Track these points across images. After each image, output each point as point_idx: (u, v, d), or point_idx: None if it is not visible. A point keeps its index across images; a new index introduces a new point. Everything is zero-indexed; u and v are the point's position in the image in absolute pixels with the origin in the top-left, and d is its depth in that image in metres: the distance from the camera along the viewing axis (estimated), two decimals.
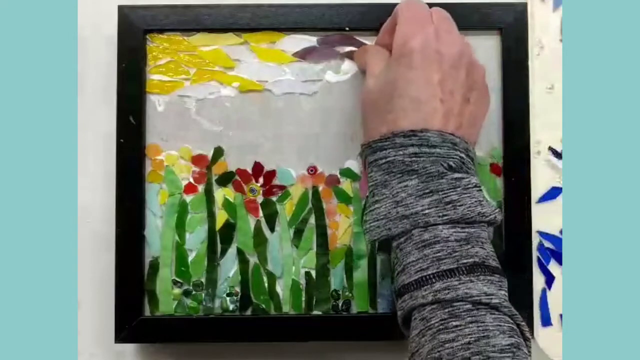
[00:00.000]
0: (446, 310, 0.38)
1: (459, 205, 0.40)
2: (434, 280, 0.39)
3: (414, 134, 0.41)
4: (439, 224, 0.40)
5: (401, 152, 0.41)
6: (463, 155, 0.41)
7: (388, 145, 0.41)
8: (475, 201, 0.41)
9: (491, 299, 0.38)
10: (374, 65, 0.45)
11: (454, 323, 0.38)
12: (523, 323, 0.40)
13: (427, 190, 0.40)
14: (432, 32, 0.42)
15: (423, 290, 0.39)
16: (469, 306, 0.38)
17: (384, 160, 0.42)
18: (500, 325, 0.38)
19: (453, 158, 0.41)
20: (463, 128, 0.42)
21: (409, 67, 0.42)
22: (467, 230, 0.40)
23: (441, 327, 0.38)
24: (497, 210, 0.41)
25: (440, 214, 0.40)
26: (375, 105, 0.43)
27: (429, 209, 0.40)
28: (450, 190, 0.40)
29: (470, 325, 0.38)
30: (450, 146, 0.41)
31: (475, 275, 0.39)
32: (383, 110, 0.42)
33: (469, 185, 0.41)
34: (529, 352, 0.39)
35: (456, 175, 0.41)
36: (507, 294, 0.40)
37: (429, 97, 0.41)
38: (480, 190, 0.41)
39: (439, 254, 0.39)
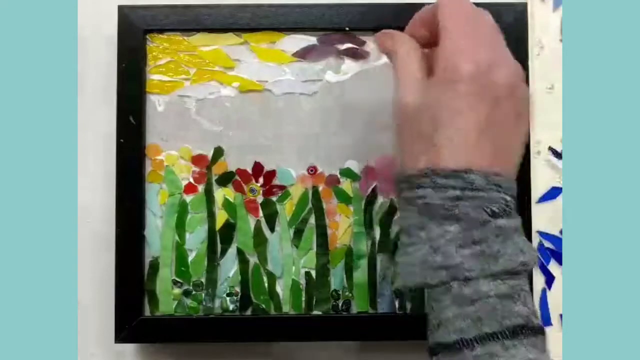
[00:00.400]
0: None
1: (501, 256, 0.36)
2: (474, 345, 0.35)
3: (458, 175, 0.36)
4: (480, 278, 0.36)
5: (442, 195, 0.36)
6: (508, 197, 0.37)
7: (427, 183, 0.37)
8: (518, 250, 0.37)
9: None
10: (409, 74, 0.39)
11: None
12: None
13: (469, 240, 0.36)
14: (486, 58, 0.37)
15: (463, 355, 0.36)
16: None
17: (422, 201, 0.37)
18: None
19: (497, 203, 0.36)
20: (509, 164, 0.38)
21: (457, 96, 0.37)
22: (508, 282, 0.36)
23: None
24: (536, 256, 0.38)
25: (482, 267, 0.36)
26: (414, 127, 0.38)
27: (470, 261, 0.36)
28: (494, 240, 0.36)
29: None
30: (495, 189, 0.37)
31: (518, 339, 0.35)
32: (425, 138, 0.37)
33: (511, 232, 0.37)
34: None
35: (499, 222, 0.36)
36: (549, 355, 0.37)
37: (477, 132, 0.36)
38: (521, 233, 0.37)
39: (478, 313, 0.36)
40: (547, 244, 0.51)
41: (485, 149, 0.37)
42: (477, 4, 0.49)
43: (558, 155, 0.51)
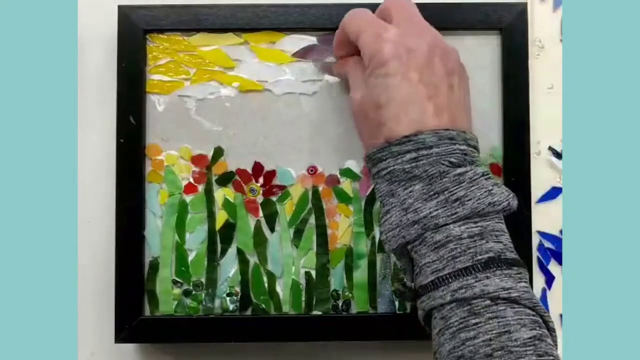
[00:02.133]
0: (465, 308, 0.38)
1: (467, 200, 0.39)
2: (450, 280, 0.39)
3: (409, 139, 0.40)
4: (450, 223, 0.39)
5: (400, 160, 0.41)
6: (463, 147, 0.41)
7: (386, 155, 0.41)
8: (485, 191, 0.40)
9: (510, 293, 0.38)
10: (355, 78, 0.45)
11: (474, 321, 0.38)
12: (546, 313, 0.39)
13: (432, 193, 0.40)
14: (396, 34, 0.42)
15: (440, 291, 0.39)
16: (487, 302, 0.38)
17: (385, 171, 0.41)
18: (521, 319, 0.38)
19: (453, 154, 0.40)
20: (457, 118, 0.42)
21: (387, 76, 0.41)
22: (480, 224, 0.40)
23: (461, 325, 0.38)
24: (510, 196, 0.41)
25: (449, 213, 0.39)
26: (366, 118, 0.43)
27: (436, 210, 0.40)
28: (455, 187, 0.40)
29: (490, 321, 0.37)
30: (448, 142, 0.40)
31: (491, 270, 0.38)
32: (375, 122, 0.42)
33: (475, 177, 0.40)
34: (555, 342, 0.39)
35: (459, 170, 0.40)
36: (528, 285, 0.39)
37: (415, 98, 0.41)
38: (489, 177, 0.41)
39: (453, 253, 0.39)
40: (547, 244, 0.51)
41: (428, 111, 0.41)
42: (478, 4, 0.50)
43: (558, 155, 0.51)
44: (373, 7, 0.49)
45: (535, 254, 0.51)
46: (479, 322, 0.38)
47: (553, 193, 0.51)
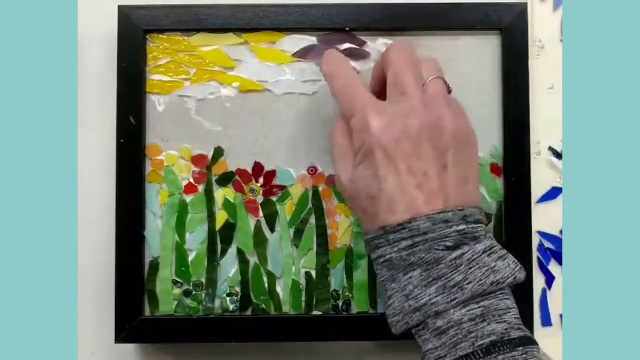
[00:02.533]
0: None
1: (467, 284, 0.39)
2: None
3: (403, 227, 0.40)
4: (450, 309, 0.39)
5: (396, 248, 0.40)
6: (462, 227, 0.40)
7: (383, 242, 0.41)
8: (487, 270, 0.39)
9: None
10: (341, 156, 0.44)
11: None
12: None
13: (430, 279, 0.39)
14: (382, 123, 0.41)
15: None
16: None
17: (383, 259, 0.41)
18: None
19: (449, 237, 0.39)
20: (453, 196, 0.40)
21: (374, 168, 0.40)
22: (482, 303, 0.39)
23: None
24: (516, 269, 0.40)
25: (448, 300, 0.39)
26: (358, 204, 0.42)
27: (436, 296, 0.39)
28: (452, 272, 0.39)
29: None
30: (443, 226, 0.39)
31: (492, 356, 0.37)
32: (367, 211, 0.42)
33: (474, 256, 0.39)
34: None
35: (455, 254, 0.39)
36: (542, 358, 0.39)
37: (404, 188, 0.40)
38: (492, 252, 0.40)
39: (454, 339, 0.38)
40: (547, 244, 0.51)
41: (419, 199, 0.40)
42: (478, 4, 0.50)
43: (558, 155, 0.51)
44: (371, 8, 0.49)
45: (535, 254, 0.51)
46: None
47: (553, 193, 0.51)
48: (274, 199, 0.50)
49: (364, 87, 0.43)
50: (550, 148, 0.51)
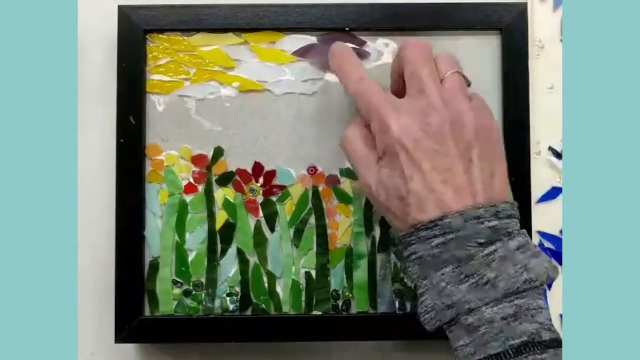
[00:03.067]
0: None
1: (499, 281, 0.38)
2: None
3: (435, 224, 0.39)
4: (482, 306, 0.38)
5: (428, 246, 0.40)
6: (494, 223, 0.39)
7: (414, 240, 0.40)
8: (520, 267, 0.39)
9: None
10: (364, 161, 0.43)
11: None
12: None
13: (462, 276, 0.39)
14: (403, 123, 0.40)
15: None
16: None
17: (415, 256, 0.41)
18: None
19: (481, 234, 0.39)
20: (482, 191, 0.40)
21: (399, 169, 0.40)
22: (515, 302, 0.38)
23: None
24: (550, 268, 0.40)
25: (480, 297, 0.38)
26: (386, 207, 0.42)
27: (468, 294, 0.39)
28: (484, 269, 0.39)
29: None
30: (475, 222, 0.39)
31: (523, 357, 0.37)
32: (397, 212, 0.41)
33: (507, 253, 0.39)
34: None
35: (487, 250, 0.39)
36: None
37: (430, 186, 0.40)
38: (525, 250, 0.39)
39: (485, 337, 0.38)
40: (547, 244, 0.51)
41: (447, 195, 0.40)
42: (478, 4, 0.50)
43: (558, 155, 0.51)
44: (371, 8, 0.49)
45: None
46: None
47: (553, 193, 0.51)
48: (274, 199, 0.50)
49: (378, 86, 0.43)
50: (550, 148, 0.51)
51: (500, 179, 0.42)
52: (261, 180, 0.50)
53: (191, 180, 0.50)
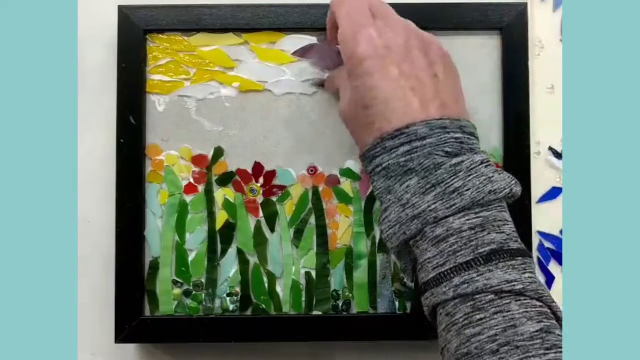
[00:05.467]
0: (468, 304, 0.37)
1: (466, 190, 0.38)
2: (452, 275, 0.38)
3: (401, 132, 0.40)
4: (449, 216, 0.38)
5: (394, 155, 0.40)
6: (458, 134, 0.40)
7: (380, 151, 0.40)
8: (485, 179, 0.39)
9: (513, 285, 0.37)
10: (344, 87, 0.44)
11: (478, 316, 0.37)
12: (554, 303, 0.38)
13: (428, 186, 0.39)
14: (372, 31, 0.41)
15: (443, 287, 0.38)
16: (491, 296, 0.37)
17: (380, 167, 0.41)
18: (526, 311, 0.37)
19: (447, 143, 0.39)
20: (448, 106, 0.41)
21: (366, 75, 0.41)
22: (481, 214, 0.39)
23: (465, 321, 0.37)
24: (512, 182, 0.40)
25: (447, 205, 0.38)
26: (355, 120, 0.42)
27: (434, 203, 0.39)
28: (452, 178, 0.39)
29: (495, 316, 0.37)
30: (441, 131, 0.39)
31: (493, 263, 0.37)
32: (364, 122, 0.41)
33: (473, 165, 0.39)
34: None
35: (454, 160, 0.39)
36: (533, 275, 0.38)
37: (398, 93, 0.40)
38: (488, 164, 0.40)
39: (453, 247, 0.38)
40: (547, 244, 0.51)
41: (414, 104, 0.40)
42: (478, 4, 0.50)
43: (558, 155, 0.51)
44: None
45: (535, 254, 0.51)
46: (483, 318, 0.37)
47: (553, 193, 0.51)
48: (274, 199, 0.50)
49: (362, 9, 0.43)
50: (550, 148, 0.51)
51: (461, 99, 0.42)
52: (261, 180, 0.50)
53: (191, 180, 0.50)
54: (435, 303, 0.39)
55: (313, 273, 0.50)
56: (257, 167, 0.50)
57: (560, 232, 0.51)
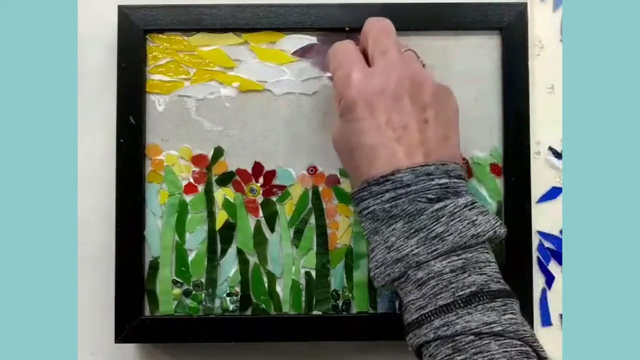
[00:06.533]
0: (449, 345, 0.38)
1: (448, 235, 0.39)
2: (432, 318, 0.39)
3: (386, 179, 0.40)
4: (431, 260, 0.39)
5: (379, 201, 0.40)
6: (444, 180, 0.40)
7: (366, 195, 0.41)
8: (468, 223, 0.40)
9: (492, 327, 0.37)
10: (336, 109, 0.45)
11: (459, 357, 0.37)
12: (536, 343, 0.38)
13: (412, 230, 0.40)
14: (362, 76, 0.42)
15: (424, 329, 0.39)
16: (471, 337, 0.37)
17: (367, 211, 0.41)
18: (506, 351, 0.37)
19: (431, 190, 0.40)
20: (434, 151, 0.41)
21: (355, 121, 0.41)
22: (463, 256, 0.39)
23: None
24: (497, 225, 0.40)
25: (429, 250, 0.39)
26: (343, 155, 0.44)
27: (417, 248, 0.39)
28: (434, 224, 0.39)
29: (475, 356, 0.37)
30: (426, 178, 0.40)
31: (472, 306, 0.38)
32: (351, 164, 0.43)
33: (456, 209, 0.40)
34: None
35: (437, 205, 0.40)
36: (515, 315, 0.39)
37: (384, 141, 0.40)
38: (473, 207, 0.40)
39: (434, 290, 0.39)
40: (547, 244, 0.51)
41: (399, 153, 0.40)
42: (478, 4, 0.50)
43: (558, 155, 0.51)
44: (370, 8, 0.49)
45: (535, 254, 0.51)
46: (464, 359, 0.37)
47: (553, 193, 0.51)
48: (274, 199, 0.50)
49: (353, 45, 0.44)
50: (550, 148, 0.51)
51: (453, 141, 0.43)
52: (261, 180, 0.50)
53: (191, 180, 0.50)
54: (418, 344, 0.40)
55: (313, 273, 0.50)
56: (257, 167, 0.50)
57: (560, 232, 0.51)
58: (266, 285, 0.50)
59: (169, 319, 0.49)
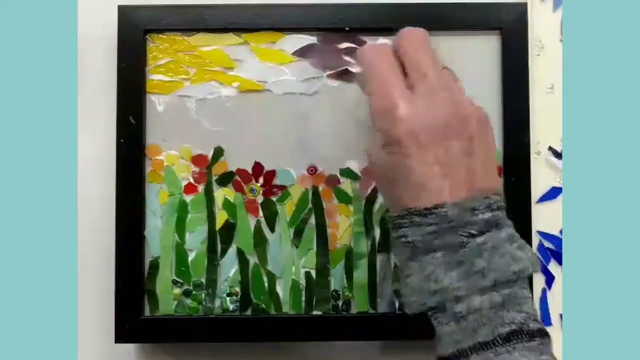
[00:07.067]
0: None
1: (489, 272, 0.39)
2: (469, 353, 0.38)
3: (430, 212, 0.39)
4: (470, 295, 0.39)
5: (420, 232, 0.40)
6: (487, 215, 0.40)
7: (406, 223, 0.40)
8: (509, 258, 0.39)
9: None
10: (371, 138, 0.43)
11: None
12: None
13: (453, 262, 0.39)
14: (409, 110, 0.40)
15: None
16: None
17: (405, 239, 0.40)
18: None
19: (474, 225, 0.39)
20: (478, 183, 0.40)
21: (400, 154, 0.40)
22: (503, 292, 0.39)
23: None
24: (535, 261, 0.40)
25: (470, 285, 0.39)
26: (384, 185, 0.42)
27: (458, 282, 0.39)
28: (476, 259, 0.39)
29: None
30: (470, 213, 0.39)
31: (512, 345, 0.38)
32: (392, 192, 0.41)
33: (498, 244, 0.39)
34: None
35: (479, 239, 0.39)
36: (549, 356, 0.38)
37: (431, 178, 0.39)
38: (513, 241, 0.40)
39: (473, 325, 0.38)
40: (547, 244, 0.51)
41: (445, 189, 0.39)
42: (478, 4, 0.50)
43: (558, 155, 0.51)
44: (371, 8, 0.49)
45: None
46: None
47: (553, 193, 0.51)
48: (274, 199, 0.50)
49: (396, 75, 0.41)
50: (550, 148, 0.51)
51: (493, 171, 0.42)
52: (261, 180, 0.50)
53: (191, 180, 0.50)
54: None
55: (313, 273, 0.50)
56: (257, 167, 0.50)
57: (560, 232, 0.51)
58: (266, 285, 0.50)
59: (169, 319, 0.49)
